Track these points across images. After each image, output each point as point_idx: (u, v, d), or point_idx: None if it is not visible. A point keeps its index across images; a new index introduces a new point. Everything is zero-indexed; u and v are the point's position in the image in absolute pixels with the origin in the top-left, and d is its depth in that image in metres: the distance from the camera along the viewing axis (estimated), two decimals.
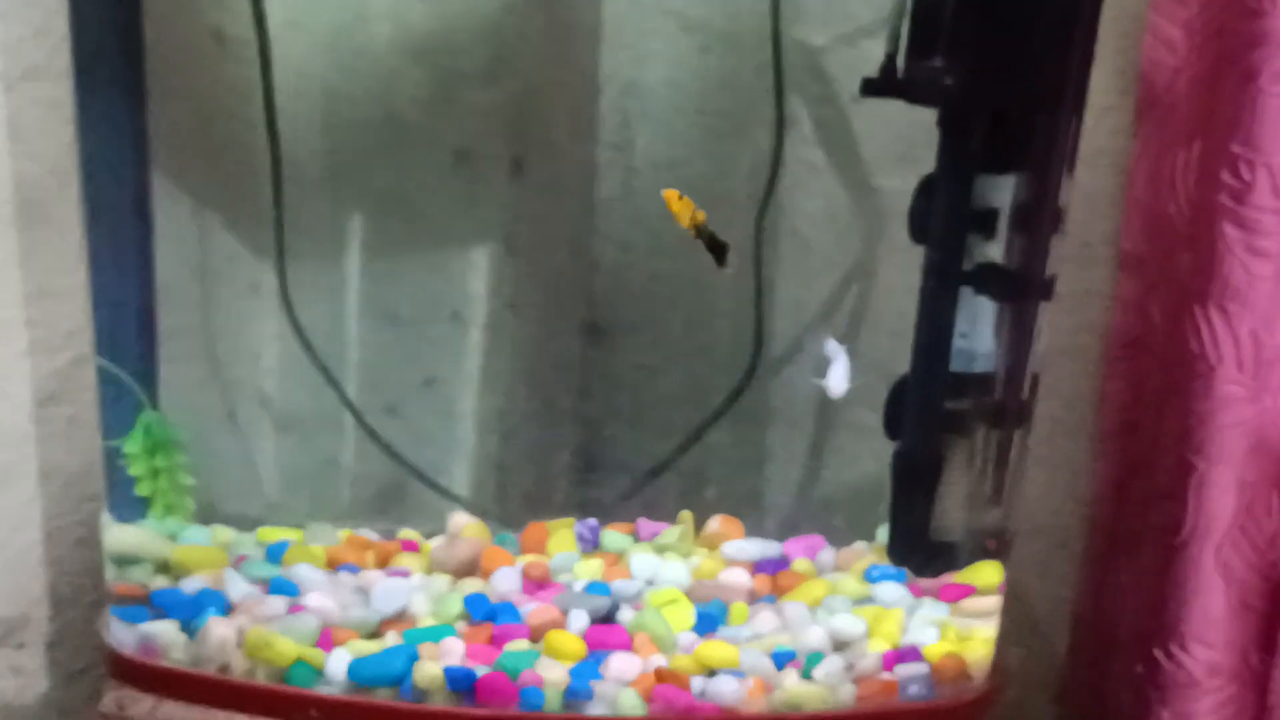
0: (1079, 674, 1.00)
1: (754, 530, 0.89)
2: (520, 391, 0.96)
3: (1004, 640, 0.81)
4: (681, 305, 0.97)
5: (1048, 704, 1.03)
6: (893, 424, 0.80)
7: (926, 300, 0.77)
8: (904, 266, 0.91)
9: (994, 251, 0.77)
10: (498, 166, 0.92)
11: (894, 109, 0.78)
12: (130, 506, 0.81)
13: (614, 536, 0.87)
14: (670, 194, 0.74)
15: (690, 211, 0.71)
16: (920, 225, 0.77)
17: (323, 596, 0.76)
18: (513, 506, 0.95)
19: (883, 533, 0.84)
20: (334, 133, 0.90)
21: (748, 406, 0.95)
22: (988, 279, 0.75)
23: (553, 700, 0.71)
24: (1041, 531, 1.01)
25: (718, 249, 0.72)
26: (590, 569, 0.82)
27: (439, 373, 0.95)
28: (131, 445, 0.75)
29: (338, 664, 0.72)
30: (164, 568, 0.79)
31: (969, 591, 0.80)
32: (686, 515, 0.88)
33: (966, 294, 0.77)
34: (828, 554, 0.86)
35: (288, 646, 0.72)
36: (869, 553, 0.86)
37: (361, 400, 0.92)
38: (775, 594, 0.82)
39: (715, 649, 0.74)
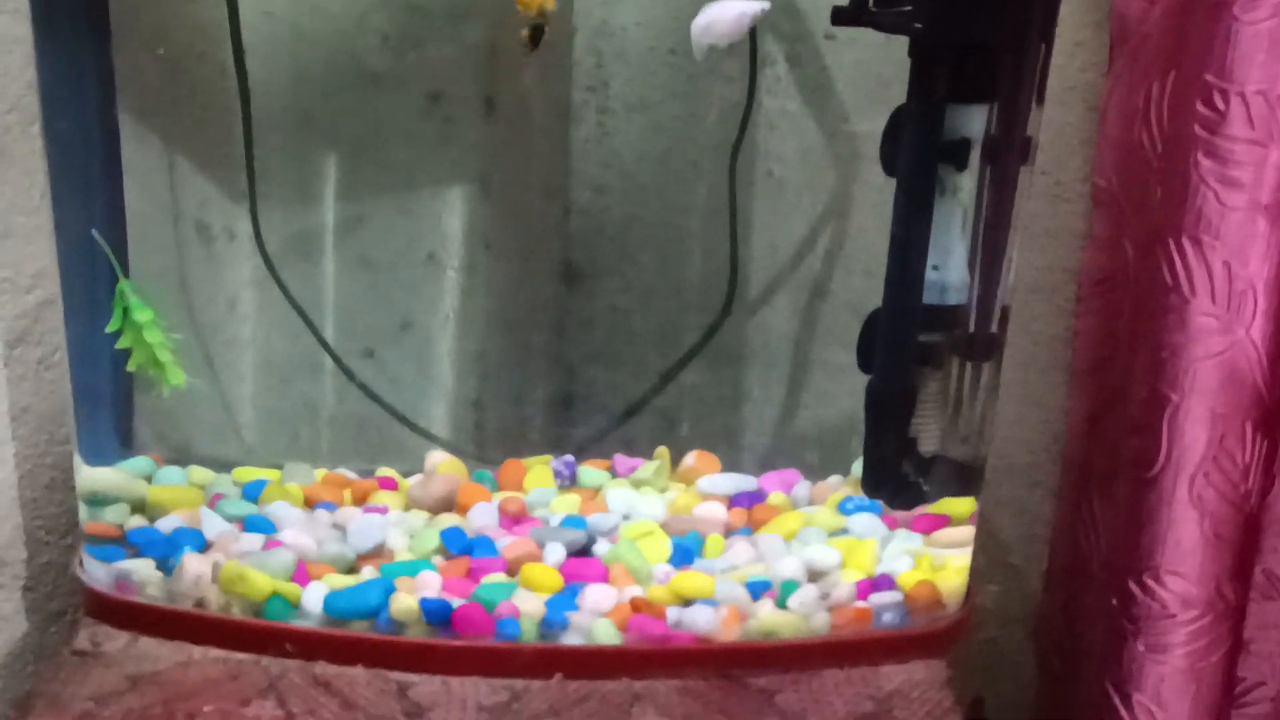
0: (1054, 609, 1.01)
1: (731, 467, 0.89)
2: (497, 332, 0.96)
3: (977, 571, 0.82)
4: (656, 246, 0.96)
5: (1024, 640, 1.04)
6: (865, 357, 0.79)
7: (898, 232, 0.76)
8: (877, 206, 0.91)
9: (966, 183, 0.76)
10: (471, 107, 0.91)
11: (868, 47, 0.77)
12: (105, 448, 0.81)
13: (591, 472, 0.87)
14: None
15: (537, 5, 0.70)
16: (891, 157, 0.76)
17: (299, 533, 0.76)
18: (491, 446, 0.95)
19: (857, 466, 0.84)
20: (304, 75, 0.89)
21: (723, 345, 0.96)
22: None
23: (529, 631, 0.72)
24: (1015, 469, 1.02)
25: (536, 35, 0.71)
26: (567, 504, 0.83)
27: (416, 315, 0.95)
28: (115, 323, 0.74)
29: (313, 597, 0.72)
30: (140, 508, 0.79)
31: (943, 522, 0.81)
32: (663, 451, 0.88)
33: (939, 226, 0.76)
34: (803, 488, 0.87)
35: (262, 580, 0.72)
36: (844, 486, 0.87)
37: (339, 344, 0.91)
38: (751, 527, 0.83)
39: (690, 579, 0.75)
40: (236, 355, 0.93)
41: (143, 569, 0.75)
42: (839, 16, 0.75)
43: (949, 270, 0.77)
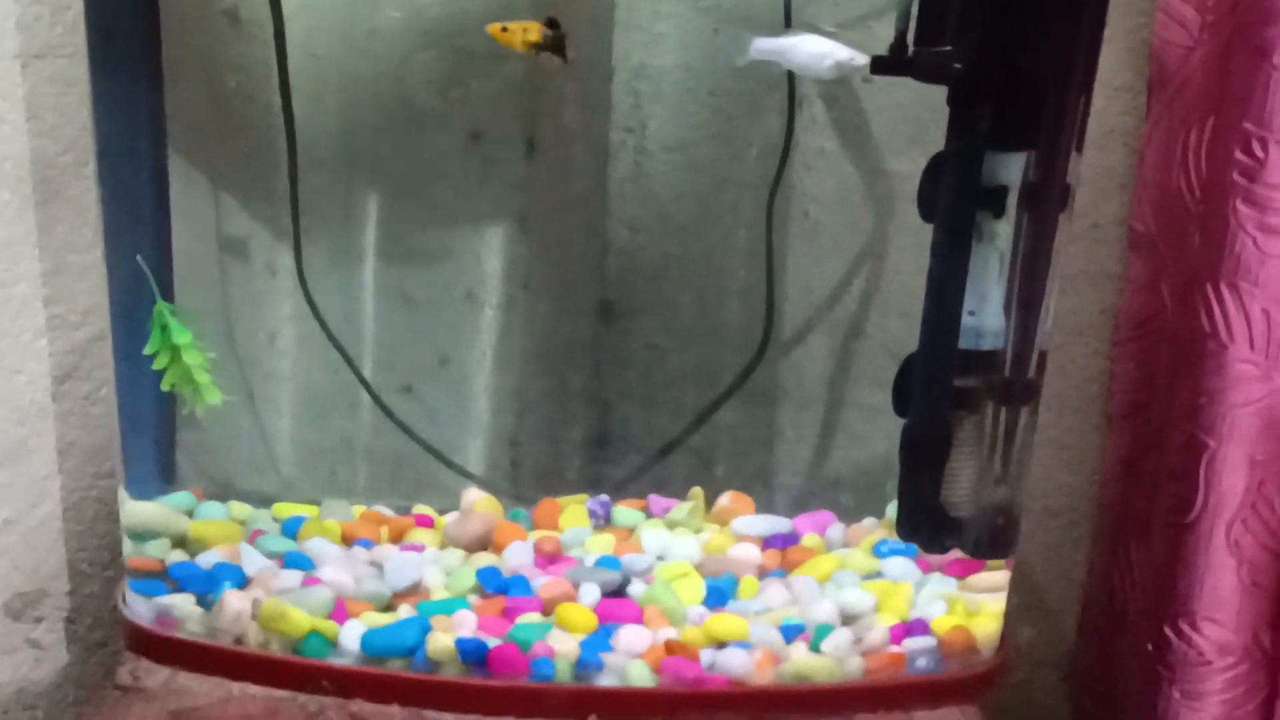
0: (1089, 653, 1.00)
1: (765, 508, 0.89)
2: (534, 371, 0.97)
3: (1012, 615, 0.81)
4: (693, 285, 0.97)
5: (1058, 683, 1.03)
6: (901, 400, 0.80)
7: (935, 276, 0.77)
8: (914, 248, 0.91)
9: (1003, 229, 0.77)
10: (511, 148, 0.92)
11: (905, 91, 0.78)
12: (147, 482, 0.82)
13: (625, 512, 0.87)
14: (493, 29, 0.73)
15: (519, 34, 0.70)
16: (929, 203, 0.77)
17: (337, 570, 0.77)
18: (526, 484, 0.95)
19: (892, 509, 0.84)
20: (348, 114, 0.91)
21: (758, 385, 0.96)
22: None
23: (563, 671, 0.72)
24: (1052, 513, 1.01)
25: (559, 46, 0.71)
26: (602, 544, 0.83)
27: (454, 352, 0.95)
28: (153, 345, 0.75)
29: (351, 635, 0.73)
30: (181, 542, 0.80)
31: (978, 567, 0.81)
32: (697, 492, 0.89)
33: (975, 271, 0.77)
34: (837, 530, 0.87)
35: (301, 618, 0.73)
36: (878, 528, 0.87)
37: (378, 379, 0.92)
38: (785, 569, 0.83)
39: (724, 622, 0.75)
40: (277, 389, 0.94)
41: (183, 604, 0.76)
42: (879, 66, 0.75)
43: (985, 315, 0.77)
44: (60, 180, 0.81)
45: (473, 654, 0.72)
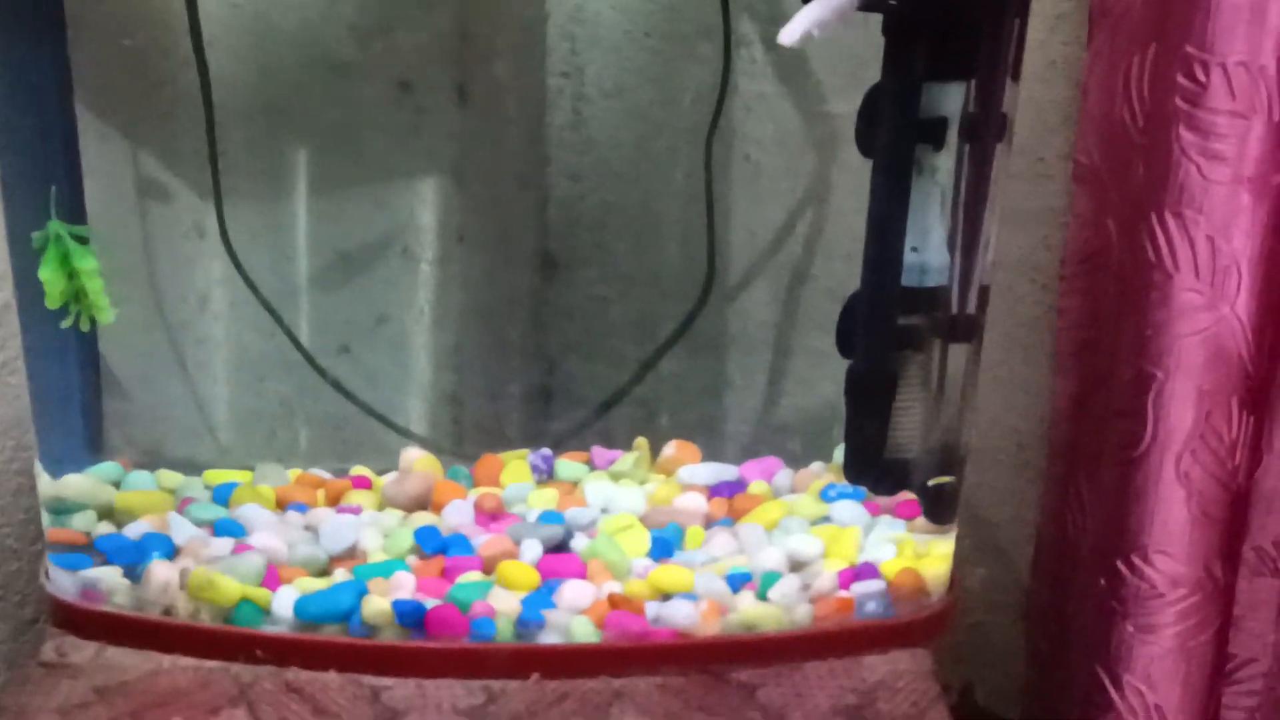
0: (1043, 593, 1.00)
1: (712, 457, 0.88)
2: (474, 326, 0.95)
3: (963, 557, 0.80)
4: (635, 234, 0.95)
5: (1014, 623, 1.03)
6: (845, 342, 0.78)
7: (874, 213, 0.75)
8: (857, 190, 0.89)
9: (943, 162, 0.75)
10: (442, 96, 0.90)
11: (844, 28, 0.76)
12: (72, 453, 0.80)
13: (569, 466, 0.85)
14: None
15: None
16: (866, 138, 0.75)
17: (270, 536, 0.75)
18: (469, 441, 0.94)
19: (839, 453, 0.83)
20: (272, 66, 0.88)
21: (703, 333, 0.94)
22: None
23: (505, 630, 0.70)
24: (1001, 452, 1.01)
25: None
26: (544, 499, 0.81)
27: (392, 310, 0.93)
28: (46, 268, 0.71)
29: (284, 602, 0.71)
30: (108, 514, 0.78)
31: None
32: (642, 442, 0.87)
33: (916, 206, 0.75)
34: (784, 476, 0.86)
35: (231, 586, 0.71)
36: (826, 473, 0.85)
37: (314, 341, 0.90)
38: (732, 517, 0.81)
39: (669, 573, 0.74)
40: (209, 354, 0.92)
41: (109, 577, 0.73)
42: None
43: (928, 252, 0.76)
44: None
45: (410, 616, 0.70)
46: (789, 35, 0.71)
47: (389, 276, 0.93)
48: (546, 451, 0.86)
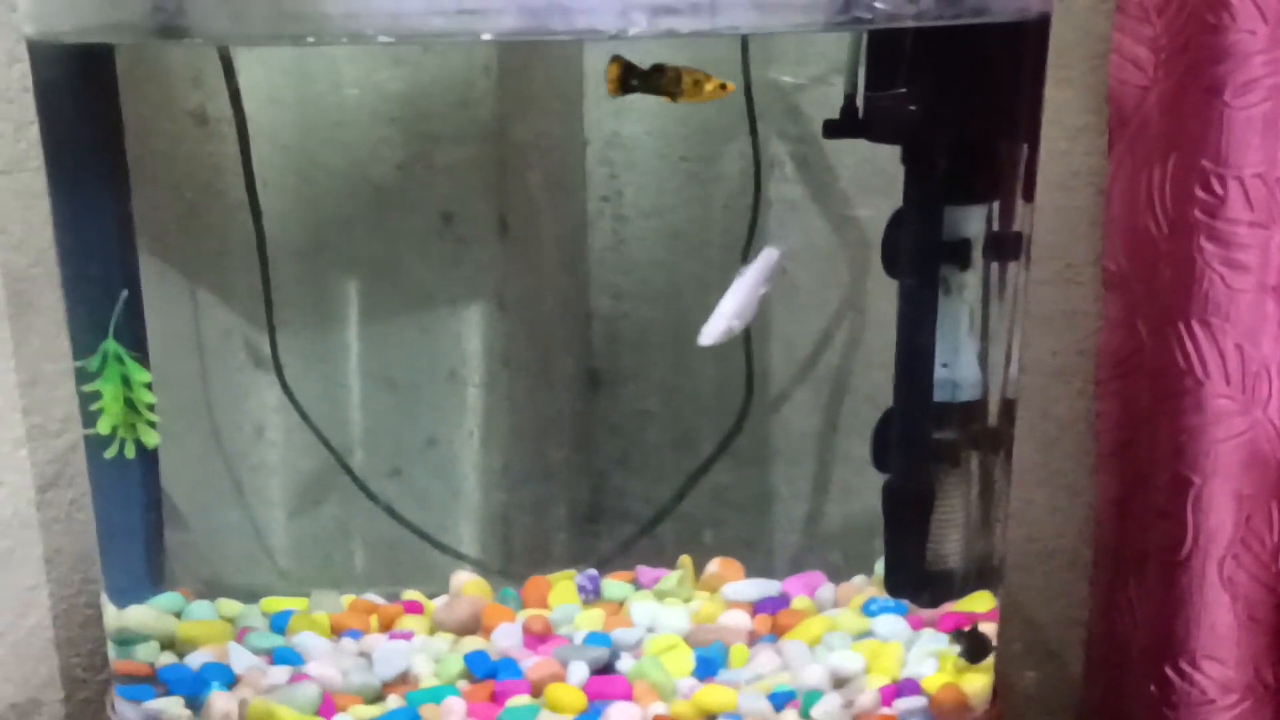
0: (1095, 695, 0.99)
1: (756, 570, 0.89)
2: (520, 446, 0.97)
3: (1012, 659, 0.80)
4: (676, 349, 0.97)
5: None
6: (880, 457, 0.80)
7: (904, 331, 0.77)
8: (892, 298, 0.91)
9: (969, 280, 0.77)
10: (484, 226, 0.93)
11: (868, 144, 0.78)
12: (135, 585, 0.82)
13: (614, 585, 0.87)
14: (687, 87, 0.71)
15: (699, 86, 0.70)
16: (893, 259, 0.77)
17: (324, 665, 0.77)
18: (518, 561, 0.95)
19: (881, 565, 0.84)
20: (319, 203, 0.91)
21: (744, 448, 0.96)
22: None
23: None
24: (1049, 554, 1.01)
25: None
26: (591, 619, 0.83)
27: (440, 433, 0.95)
28: (104, 383, 0.73)
29: None
30: (170, 644, 0.80)
31: (968, 619, 0.80)
32: (685, 560, 0.89)
33: (945, 324, 0.77)
34: (827, 590, 0.86)
35: (289, 716, 0.73)
36: (868, 586, 0.86)
37: (365, 465, 0.92)
38: (775, 633, 0.82)
39: (713, 694, 0.75)
40: (264, 482, 0.95)
41: (171, 708, 0.75)
42: (831, 129, 0.76)
43: (958, 367, 0.78)
44: (31, 292, 0.81)
45: None
46: (709, 335, 0.73)
47: (436, 401, 0.95)
48: (592, 572, 0.88)
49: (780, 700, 0.75)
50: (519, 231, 0.94)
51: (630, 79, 0.73)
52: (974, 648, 0.78)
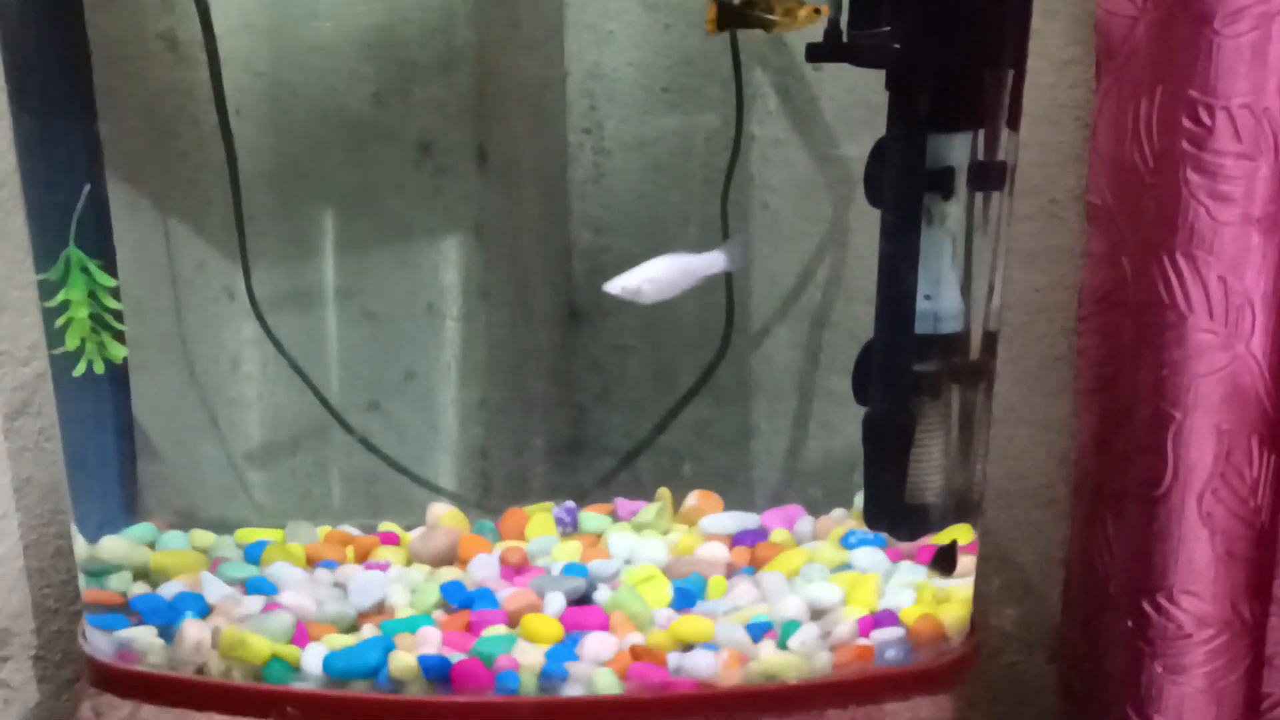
0: (1074, 633, 0.99)
1: (735, 504, 0.88)
2: (500, 380, 0.96)
3: (986, 600, 0.81)
4: None
5: (1046, 664, 1.02)
6: (861, 389, 0.79)
7: (886, 262, 0.76)
8: (875, 233, 0.90)
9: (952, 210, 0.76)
10: (463, 157, 0.92)
11: (856, 76, 0.77)
12: (109, 516, 0.81)
13: (592, 518, 0.87)
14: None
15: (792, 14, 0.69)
16: (876, 188, 0.76)
17: (299, 594, 0.76)
18: (497, 495, 0.95)
19: (861, 499, 0.83)
20: (295, 132, 0.90)
21: (725, 381, 0.95)
22: None
23: (529, 683, 0.71)
24: (1028, 491, 1.00)
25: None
26: (568, 551, 0.82)
27: (417, 366, 0.94)
28: (74, 290, 0.72)
29: (312, 659, 0.72)
30: (143, 575, 0.79)
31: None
32: (664, 492, 0.88)
33: (928, 254, 0.76)
34: (806, 523, 0.86)
35: (261, 644, 0.72)
36: (847, 519, 0.86)
37: (343, 398, 0.92)
38: (754, 565, 0.82)
39: (690, 624, 0.74)
40: (241, 415, 0.94)
41: (144, 637, 0.75)
42: (815, 53, 0.75)
43: (941, 299, 0.77)
44: None
45: (435, 670, 0.71)
46: (614, 285, 0.76)
47: (414, 333, 0.94)
48: (570, 505, 0.87)
49: (758, 631, 0.75)
50: (498, 162, 0.93)
51: (728, 17, 0.74)
52: (945, 561, 0.77)
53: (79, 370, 0.74)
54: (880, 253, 0.77)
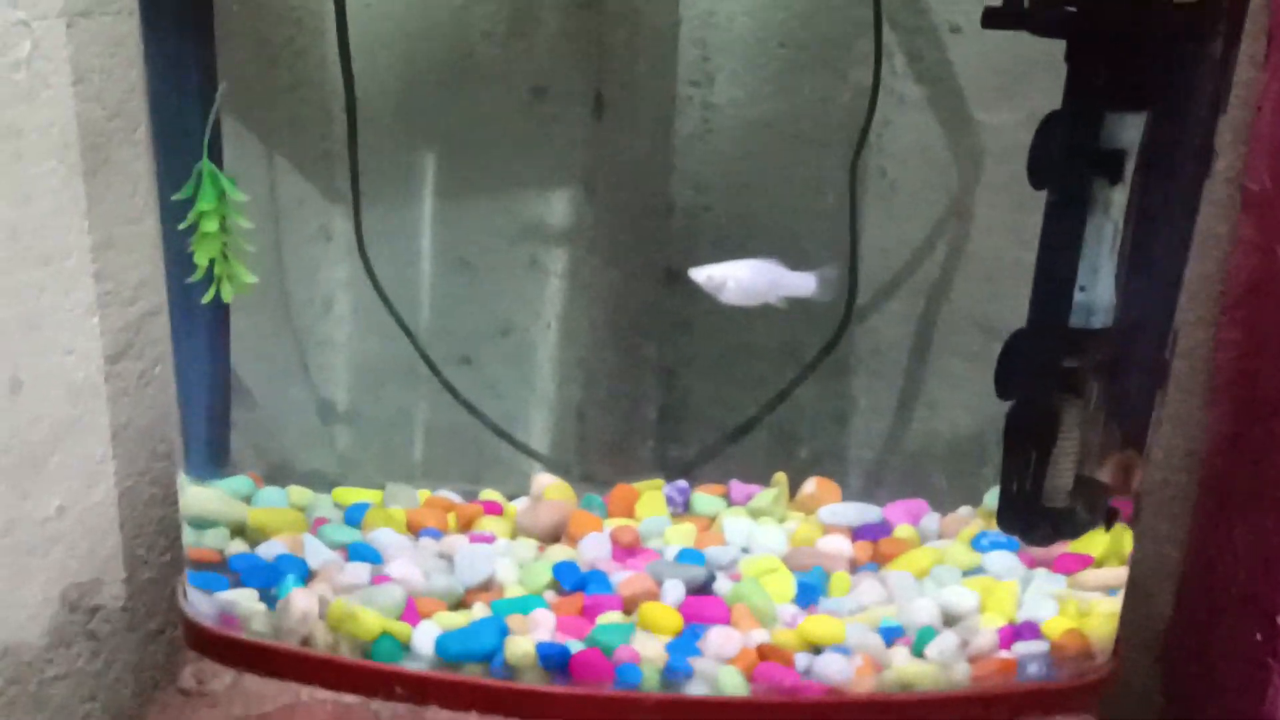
0: (1184, 636, 0.95)
1: (850, 492, 0.84)
2: (601, 341, 0.92)
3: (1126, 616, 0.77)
4: (762, 249, 0.92)
5: (1151, 665, 0.98)
6: (1005, 383, 0.74)
7: (1046, 249, 0.71)
8: (1000, 206, 0.85)
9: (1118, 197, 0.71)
10: (577, 103, 0.87)
11: (992, 38, 0.72)
12: (204, 466, 0.78)
13: (705, 499, 0.82)
14: None
15: None
16: (1042, 169, 0.71)
17: (405, 564, 0.73)
18: (593, 460, 0.91)
19: (990, 497, 0.79)
20: (405, 69, 0.85)
21: (839, 358, 0.90)
22: None
23: (650, 678, 0.67)
24: (1147, 488, 0.94)
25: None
26: (682, 534, 0.78)
27: (516, 321, 0.91)
28: (204, 202, 0.68)
29: (424, 638, 0.68)
30: (240, 531, 0.76)
31: (1087, 562, 0.75)
32: (780, 478, 0.84)
33: (1089, 243, 0.71)
34: (931, 520, 0.82)
35: (372, 619, 0.69)
36: (974, 518, 0.81)
37: (434, 350, 0.88)
38: (877, 562, 0.78)
39: (820, 624, 0.70)
40: (332, 360, 0.90)
41: (246, 601, 0.71)
42: (991, 18, 0.69)
43: (1097, 291, 0.72)
44: (109, 147, 0.76)
45: (555, 660, 0.67)
46: (699, 274, 0.73)
47: (514, 287, 0.90)
48: (682, 484, 0.83)
49: (890, 636, 0.70)
50: (614, 111, 0.88)
51: None
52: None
53: (208, 297, 0.70)
54: (1042, 238, 0.72)
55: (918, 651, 0.70)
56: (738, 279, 0.73)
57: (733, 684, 0.67)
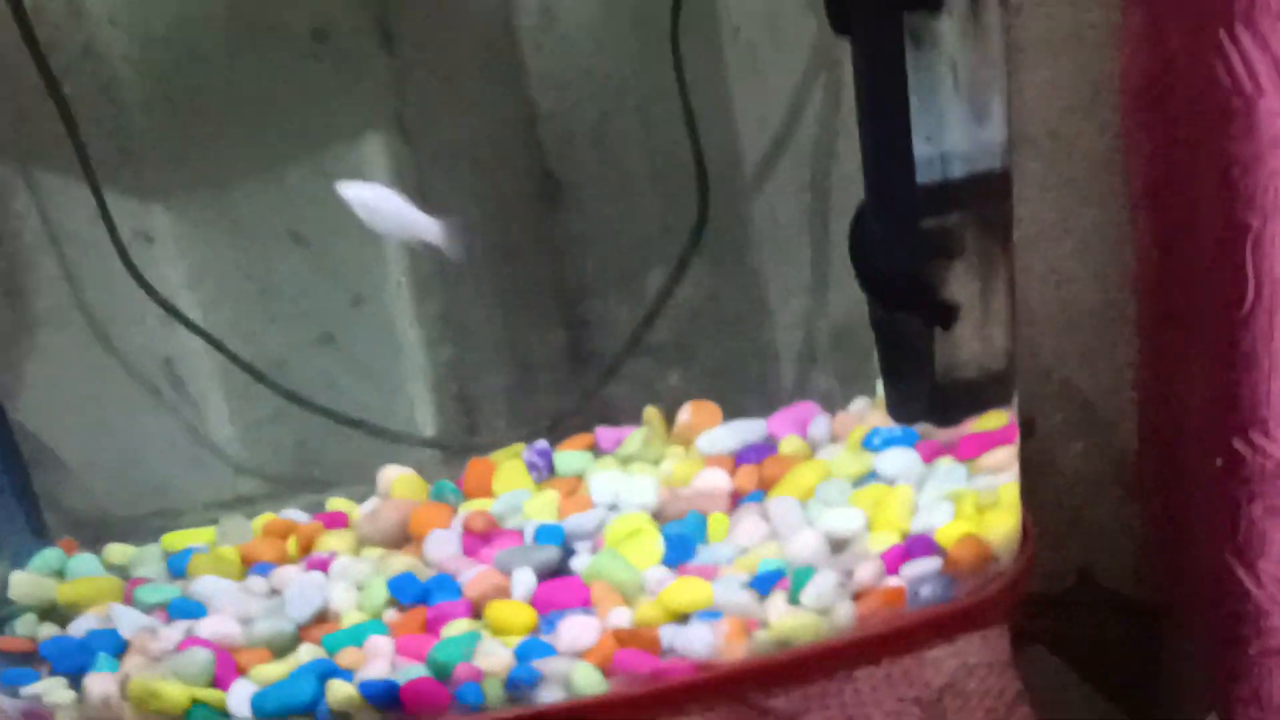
0: (1151, 470, 0.89)
1: (735, 410, 0.75)
2: (450, 298, 0.83)
3: (1055, 431, 0.68)
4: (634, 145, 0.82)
5: (1119, 502, 0.92)
6: (862, 264, 0.65)
7: (866, 103, 0.61)
8: None
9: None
10: (364, 39, 0.78)
11: None
12: (16, 546, 0.71)
13: (570, 458, 0.74)
14: None
15: None
16: (839, 9, 0.61)
17: (221, 618, 0.65)
18: (464, 428, 0.82)
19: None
20: (178, 40, 0.77)
21: (710, 252, 0.81)
22: None
23: (493, 694, 0.60)
24: (1090, 313, 0.90)
25: None
26: (542, 506, 0.70)
27: (364, 288, 0.83)
28: None
29: (240, 700, 0.61)
30: (49, 611, 0.69)
31: (991, 442, 0.66)
32: (652, 413, 0.76)
33: (921, 86, 0.61)
34: (821, 424, 0.73)
35: (178, 692, 0.61)
36: (870, 412, 0.72)
37: (296, 335, 0.82)
38: (762, 488, 0.69)
39: (683, 590, 0.62)
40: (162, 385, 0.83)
41: (53, 691, 0.64)
42: None
43: (946, 137, 0.62)
44: None
45: (382, 698, 0.60)
46: (346, 188, 0.69)
47: (352, 253, 0.82)
48: (542, 445, 0.75)
49: (765, 584, 0.62)
50: (409, 42, 0.79)
51: None
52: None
53: None
54: (858, 93, 0.62)
55: (794, 598, 0.61)
56: (371, 207, 0.64)
57: (588, 682, 0.59)
